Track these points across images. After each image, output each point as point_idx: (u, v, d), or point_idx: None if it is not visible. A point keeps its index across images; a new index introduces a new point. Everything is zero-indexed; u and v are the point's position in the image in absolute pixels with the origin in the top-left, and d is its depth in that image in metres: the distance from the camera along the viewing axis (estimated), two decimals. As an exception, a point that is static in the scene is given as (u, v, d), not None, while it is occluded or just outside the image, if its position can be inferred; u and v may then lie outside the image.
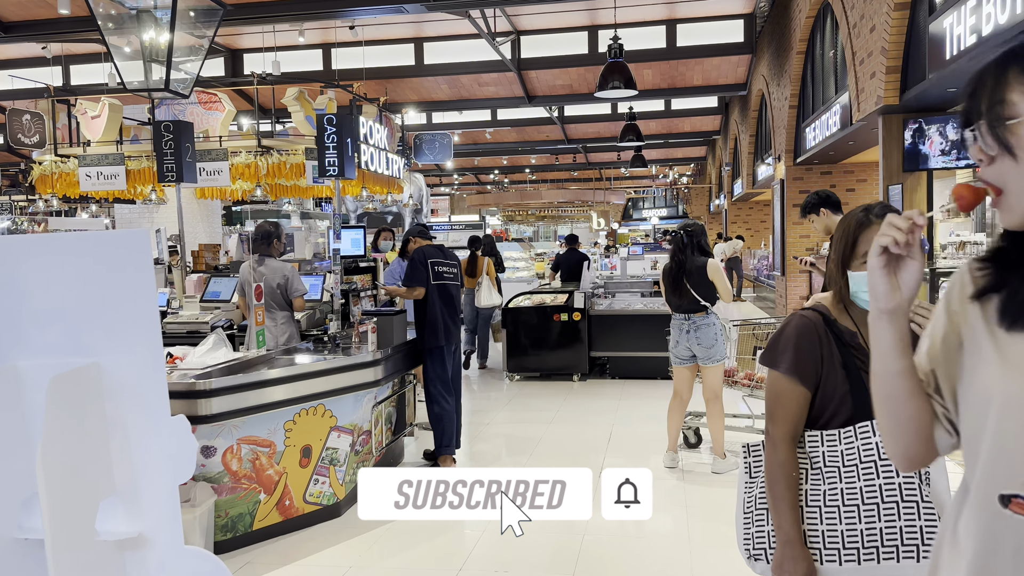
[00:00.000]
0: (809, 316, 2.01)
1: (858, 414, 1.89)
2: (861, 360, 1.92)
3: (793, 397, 1.93)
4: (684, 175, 31.46)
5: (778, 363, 1.97)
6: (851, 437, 1.88)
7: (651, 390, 8.22)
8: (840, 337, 1.95)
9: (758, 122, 16.86)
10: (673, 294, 5.13)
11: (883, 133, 6.87)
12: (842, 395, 1.92)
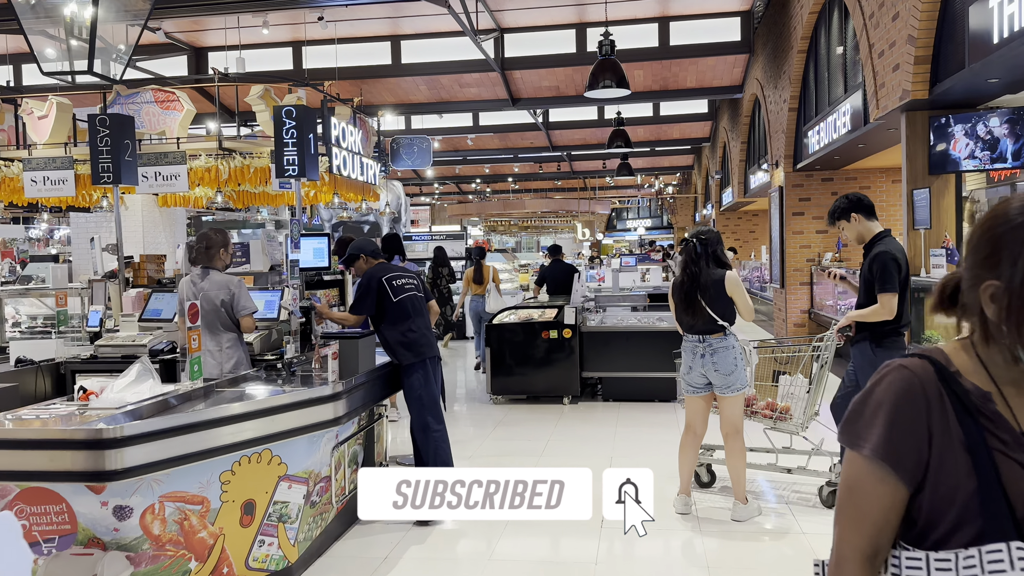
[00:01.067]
0: (914, 368, 1.27)
1: (989, 529, 1.16)
2: (1000, 440, 1.19)
3: (879, 494, 1.22)
4: (670, 184, 30.96)
5: (860, 441, 1.24)
6: (975, 566, 1.15)
7: (650, 415, 7.52)
8: (963, 402, 1.22)
9: (750, 128, 16.31)
10: (685, 312, 4.44)
11: (907, 131, 6.25)
12: (966, 496, 1.18)
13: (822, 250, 11.33)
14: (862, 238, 4.50)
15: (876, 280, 4.28)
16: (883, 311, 4.26)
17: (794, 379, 4.83)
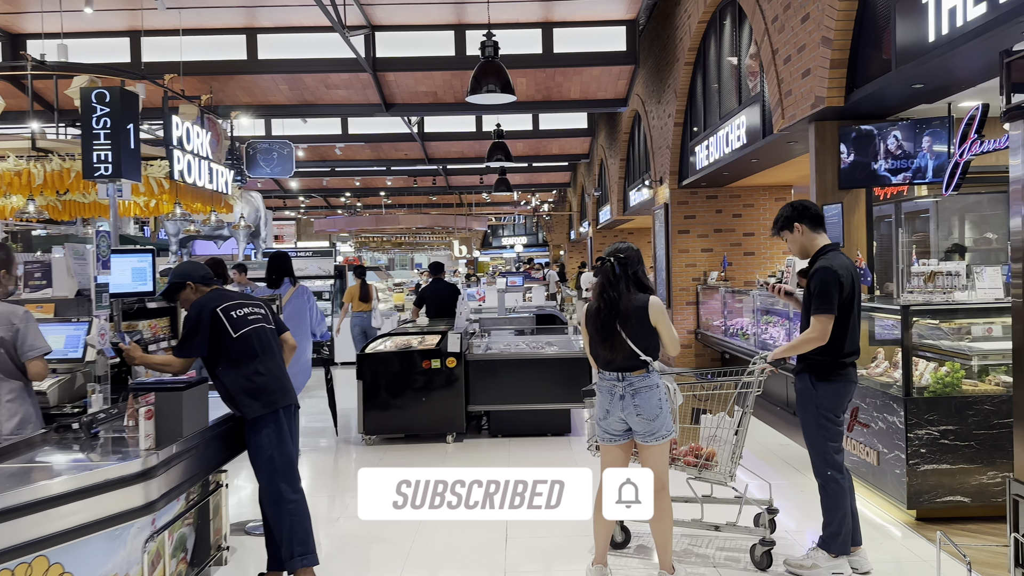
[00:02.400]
0: None
1: None
2: None
3: None
4: (546, 202, 30.85)
5: None
6: None
7: (544, 452, 6.79)
8: None
9: (629, 145, 16.16)
10: (603, 345, 3.72)
11: (816, 143, 5.90)
12: None
13: (708, 269, 11.10)
14: (806, 251, 3.98)
15: (814, 299, 3.75)
16: (813, 335, 3.73)
17: (719, 419, 4.22)
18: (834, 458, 3.88)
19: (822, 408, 3.83)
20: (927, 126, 5.39)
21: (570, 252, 30.53)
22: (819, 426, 3.85)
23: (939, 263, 4.84)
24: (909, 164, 5.48)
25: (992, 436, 4.52)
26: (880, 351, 5.61)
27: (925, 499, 4.55)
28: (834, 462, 3.88)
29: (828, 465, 3.88)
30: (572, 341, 8.32)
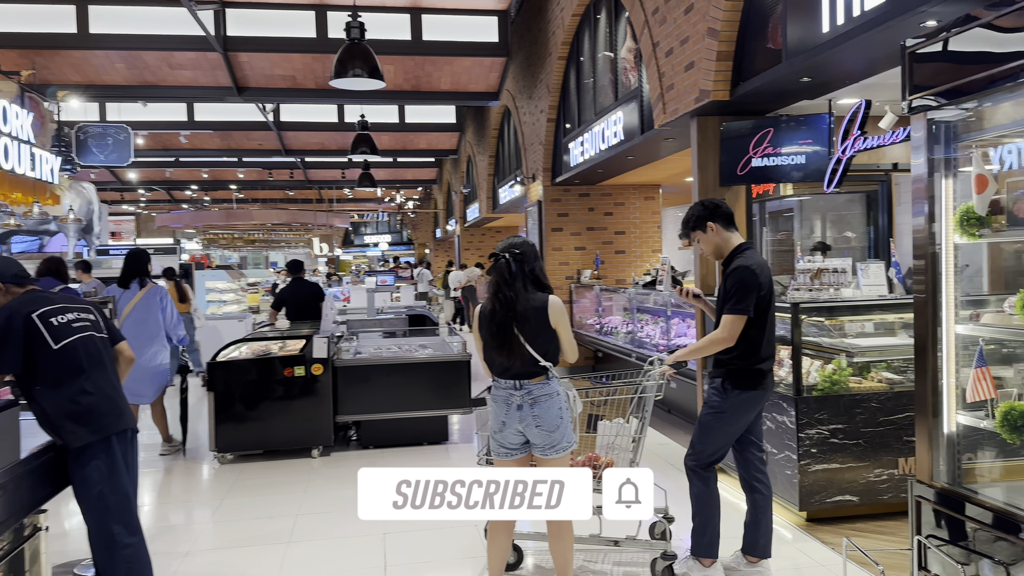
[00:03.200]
0: None
1: None
2: None
3: None
4: (411, 199, 30.23)
5: None
6: None
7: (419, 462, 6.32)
8: None
9: (499, 141, 15.98)
10: (499, 351, 3.38)
11: (698, 139, 5.84)
12: None
13: (581, 267, 11.05)
14: (720, 251, 3.81)
15: (728, 299, 3.58)
16: (722, 335, 3.57)
17: (616, 425, 3.99)
18: (709, 460, 3.74)
19: (726, 414, 3.67)
20: (809, 122, 5.43)
21: (436, 251, 30.10)
22: (714, 429, 3.69)
23: (824, 260, 4.86)
24: (791, 160, 5.51)
25: (879, 434, 4.56)
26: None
27: (816, 500, 4.53)
28: (710, 461, 3.74)
29: (700, 464, 3.74)
30: (446, 343, 7.94)
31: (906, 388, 4.62)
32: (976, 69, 2.95)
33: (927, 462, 3.37)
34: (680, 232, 3.95)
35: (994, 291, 3.35)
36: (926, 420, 3.37)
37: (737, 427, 3.73)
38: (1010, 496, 3.11)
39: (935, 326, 3.34)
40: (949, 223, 3.32)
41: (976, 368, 3.11)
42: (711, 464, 3.76)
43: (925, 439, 3.38)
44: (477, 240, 22.91)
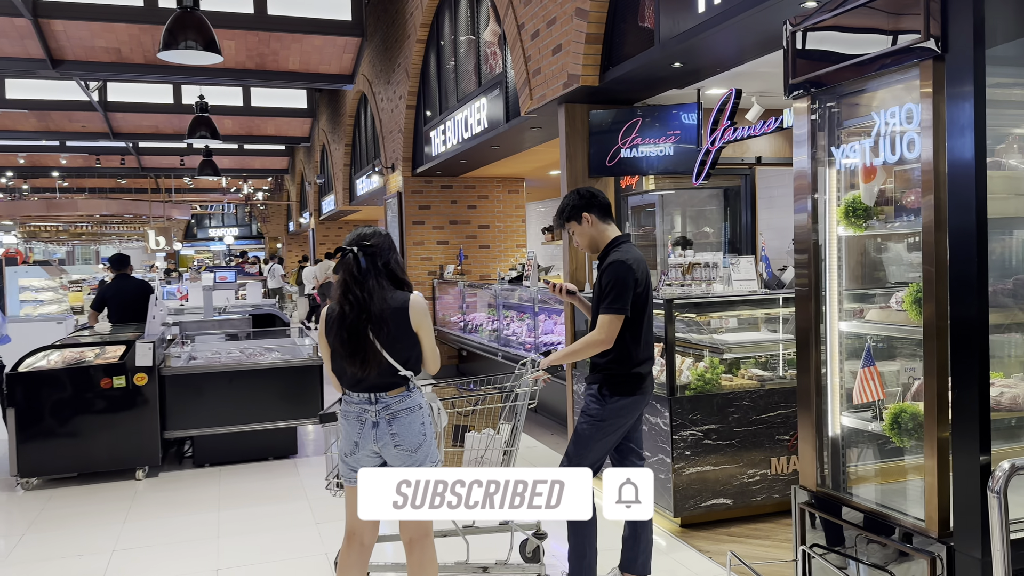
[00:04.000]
0: None
1: None
2: None
3: None
4: (261, 190, 28.65)
5: None
6: None
7: (266, 482, 5.76)
8: None
9: (356, 129, 15.28)
10: (350, 359, 2.91)
11: (566, 127, 5.58)
12: None
13: (444, 262, 10.65)
14: (595, 245, 3.51)
15: (604, 297, 3.30)
16: (599, 336, 3.28)
17: (486, 437, 3.62)
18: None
19: (606, 423, 3.38)
20: (678, 112, 5.29)
21: (289, 245, 28.71)
22: (593, 439, 3.40)
23: (695, 254, 4.71)
24: (660, 152, 5.35)
25: (752, 433, 4.46)
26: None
27: (690, 505, 4.36)
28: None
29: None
30: (296, 345, 7.31)
31: (777, 385, 4.55)
32: (862, 52, 2.80)
33: (812, 467, 3.23)
34: (553, 222, 3.64)
35: (878, 286, 3.24)
36: (810, 423, 3.23)
37: (616, 435, 3.46)
38: (893, 499, 3.00)
39: (818, 323, 3.20)
40: (833, 215, 3.17)
41: (864, 368, 2.98)
42: (590, 476, 3.46)
43: (809, 443, 3.23)
44: (333, 234, 21.98)
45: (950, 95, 2.47)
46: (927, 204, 2.61)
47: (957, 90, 2.44)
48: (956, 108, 2.45)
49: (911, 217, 2.80)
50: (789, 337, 4.85)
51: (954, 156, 2.46)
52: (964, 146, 2.42)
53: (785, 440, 4.53)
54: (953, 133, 2.46)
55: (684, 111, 5.29)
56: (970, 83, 2.41)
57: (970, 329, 2.44)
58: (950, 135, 2.47)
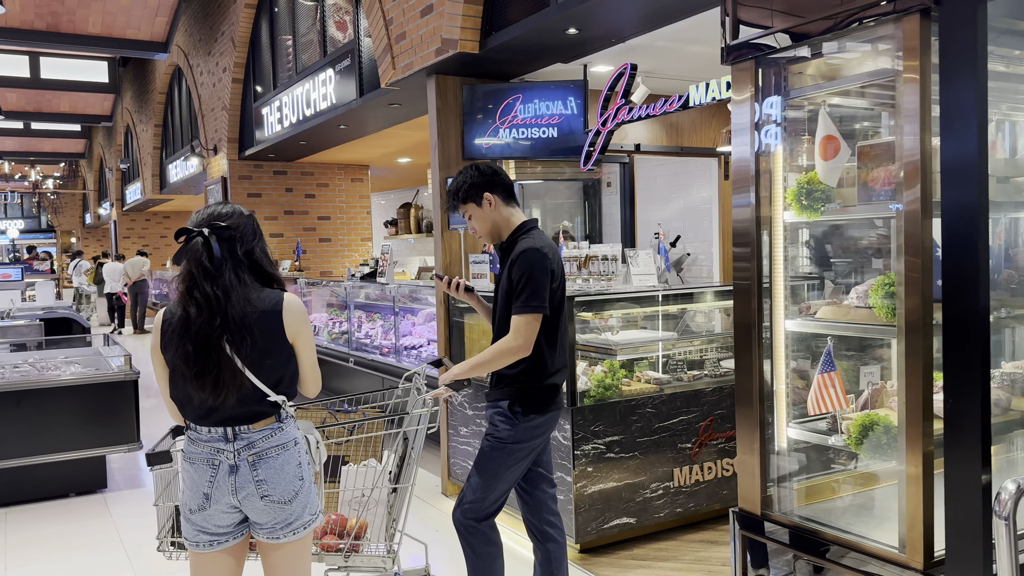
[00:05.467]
0: None
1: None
2: None
3: None
4: (52, 177, 25.52)
5: None
6: None
7: (63, 526, 4.70)
8: None
9: (168, 108, 13.75)
10: (198, 381, 2.17)
11: (436, 102, 4.96)
12: None
13: (279, 257, 9.65)
14: (498, 232, 2.94)
15: (517, 294, 2.75)
16: (516, 342, 2.74)
17: (369, 470, 2.96)
18: (492, 509, 2.91)
19: (519, 446, 2.84)
20: (563, 89, 4.84)
21: (86, 239, 25.81)
22: (502, 467, 2.85)
23: (591, 246, 4.27)
24: (542, 133, 4.88)
25: (654, 443, 4.08)
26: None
27: (593, 528, 3.92)
28: (493, 511, 2.92)
29: (484, 513, 2.89)
30: (102, 356, 6.17)
31: (678, 388, 4.21)
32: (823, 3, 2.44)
33: (753, 487, 2.85)
34: (448, 202, 3.03)
35: (831, 279, 2.92)
36: (752, 435, 2.85)
37: (529, 460, 2.93)
38: (854, 523, 2.68)
39: (760, 321, 2.82)
40: (779, 197, 2.81)
41: (822, 373, 2.63)
42: (494, 513, 2.90)
43: (750, 458, 2.85)
44: (140, 226, 19.94)
45: (944, 54, 2.14)
46: (910, 186, 2.28)
47: (953, 48, 2.11)
48: (953, 72, 2.11)
49: (881, 199, 2.47)
50: (697, 335, 4.56)
51: (951, 132, 2.12)
52: (963, 120, 2.09)
53: (687, 449, 4.20)
54: (950, 105, 2.12)
55: (569, 89, 4.84)
56: (970, 40, 2.08)
57: (968, 327, 2.13)
58: (946, 107, 2.14)
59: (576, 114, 4.81)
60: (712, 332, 4.82)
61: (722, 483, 4.31)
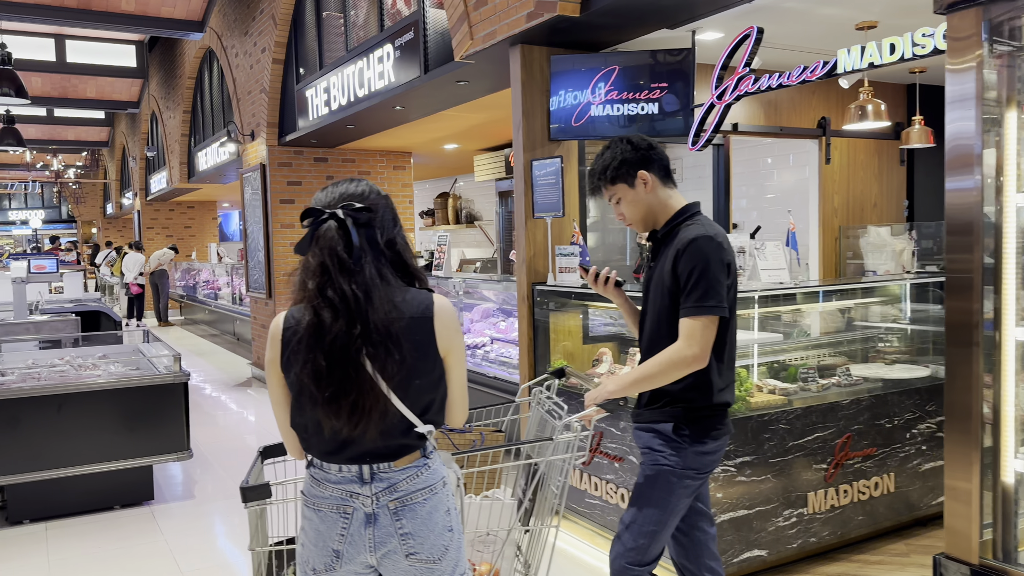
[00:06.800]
0: None
1: None
2: None
3: None
4: (74, 166, 25.22)
5: None
6: None
7: (111, 544, 4.27)
8: None
9: (198, 93, 13.32)
10: (331, 406, 1.70)
11: (522, 75, 4.47)
12: None
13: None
14: (652, 218, 2.48)
15: (688, 291, 2.25)
16: (690, 351, 2.25)
17: (493, 503, 2.48)
18: (660, 549, 2.44)
19: (687, 474, 2.36)
20: (668, 59, 4.32)
21: (106, 230, 25.52)
22: (667, 501, 2.37)
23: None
24: (642, 109, 4.36)
25: (787, 464, 3.58)
26: (607, 351, 4.46)
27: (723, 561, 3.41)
28: (657, 554, 2.45)
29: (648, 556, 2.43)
30: (142, 354, 5.75)
31: (810, 400, 3.71)
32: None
33: (971, 529, 2.35)
34: (591, 183, 2.54)
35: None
36: (969, 464, 2.35)
37: (692, 497, 2.45)
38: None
39: (980, 327, 2.32)
40: (1010, 178, 2.30)
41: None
42: (658, 558, 2.42)
43: (967, 493, 2.35)
44: (164, 216, 19.57)
45: None
46: None
47: None
48: None
49: None
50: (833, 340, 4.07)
51: None
52: None
53: (823, 470, 3.69)
54: None
55: (674, 59, 4.32)
56: None
57: None
58: None
59: (683, 87, 4.30)
60: (841, 332, 4.31)
61: (857, 508, 3.82)
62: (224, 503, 4.97)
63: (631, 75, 4.37)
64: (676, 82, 4.31)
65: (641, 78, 4.36)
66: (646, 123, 4.38)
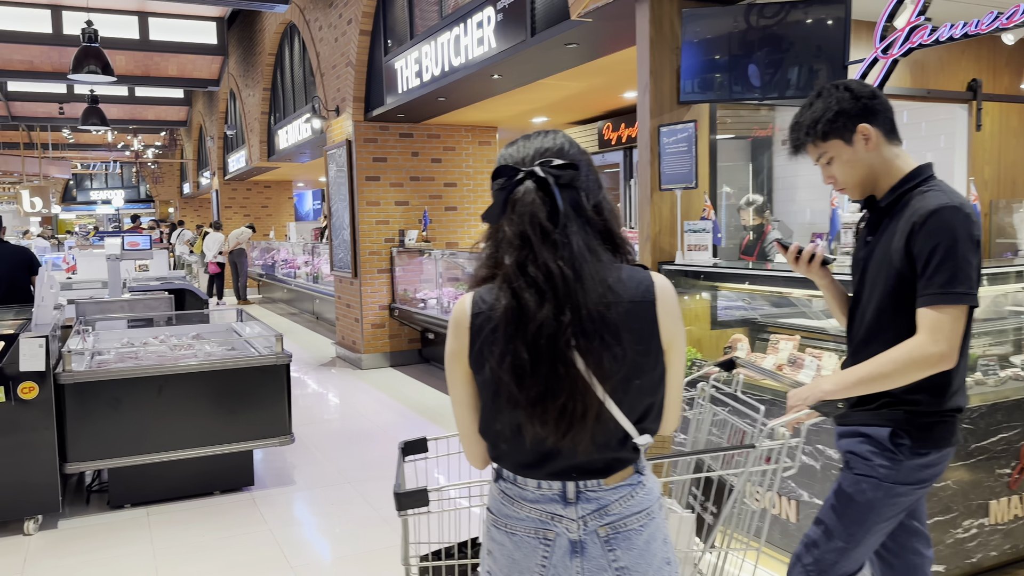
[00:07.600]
0: None
1: None
2: None
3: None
4: (152, 146, 25.75)
5: None
6: None
7: (213, 531, 4.11)
8: None
9: (278, 69, 13.26)
10: (535, 408, 1.40)
11: (650, 32, 4.09)
12: None
13: (404, 226, 8.98)
14: (873, 181, 2.10)
15: (931, 275, 1.87)
16: (936, 347, 1.87)
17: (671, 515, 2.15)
18: (853, 568, 2.09)
19: (900, 488, 2.00)
20: (816, 10, 3.87)
21: (182, 209, 26.02)
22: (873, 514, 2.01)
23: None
24: (782, 74, 3.93)
25: (968, 468, 3.16)
26: (742, 337, 4.06)
27: None
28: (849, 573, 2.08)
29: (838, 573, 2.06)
30: (236, 334, 5.61)
31: (993, 397, 3.26)
32: None
33: None
34: (794, 139, 2.15)
35: None
36: None
37: (903, 513, 2.08)
38: None
39: None
40: None
41: None
42: (851, 579, 2.07)
43: None
44: (241, 196, 19.78)
45: None
46: None
47: None
48: None
49: None
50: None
51: None
52: None
53: (1006, 475, 3.25)
54: None
55: (825, 9, 3.87)
56: None
57: None
58: None
59: (836, 40, 3.84)
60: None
61: (1042, 519, 3.36)
62: (326, 491, 4.79)
63: (768, 31, 3.94)
64: (828, 37, 3.86)
65: (781, 33, 3.92)
66: (788, 81, 3.94)
